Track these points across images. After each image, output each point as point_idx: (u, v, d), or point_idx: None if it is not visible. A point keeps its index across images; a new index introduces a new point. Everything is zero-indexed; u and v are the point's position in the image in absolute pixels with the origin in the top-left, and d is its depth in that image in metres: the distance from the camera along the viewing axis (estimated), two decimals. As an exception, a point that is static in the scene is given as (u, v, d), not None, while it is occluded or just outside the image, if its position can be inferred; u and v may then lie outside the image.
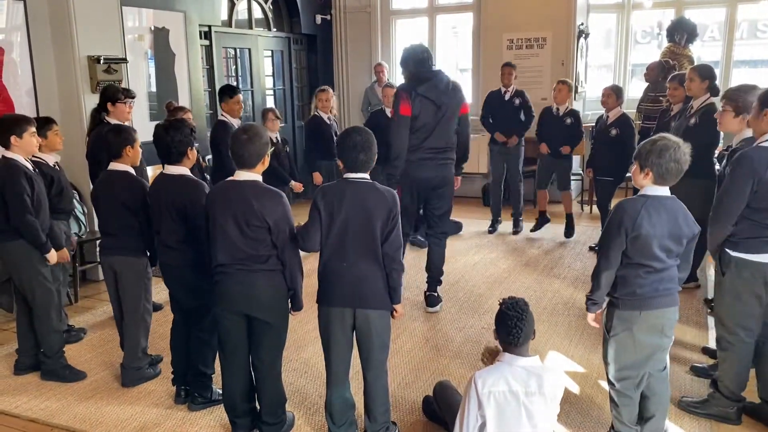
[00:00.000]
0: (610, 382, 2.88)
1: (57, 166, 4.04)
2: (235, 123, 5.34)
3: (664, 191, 2.66)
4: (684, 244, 2.69)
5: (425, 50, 4.58)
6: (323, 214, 2.82)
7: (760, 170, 2.90)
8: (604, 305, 2.88)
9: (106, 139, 3.62)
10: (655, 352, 2.77)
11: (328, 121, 6.15)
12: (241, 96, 5.58)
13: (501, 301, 2.54)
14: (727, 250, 3.04)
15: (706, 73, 4.61)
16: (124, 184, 3.52)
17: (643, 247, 2.63)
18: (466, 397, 2.48)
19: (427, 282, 4.86)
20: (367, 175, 2.86)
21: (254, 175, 2.89)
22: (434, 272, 4.82)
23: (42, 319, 3.76)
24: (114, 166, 3.57)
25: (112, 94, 4.52)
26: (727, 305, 3.11)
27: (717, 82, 4.70)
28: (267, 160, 2.92)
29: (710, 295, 4.64)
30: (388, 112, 6.31)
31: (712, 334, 4.23)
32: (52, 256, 3.69)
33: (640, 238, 2.62)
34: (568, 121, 6.40)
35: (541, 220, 6.75)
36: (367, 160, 2.84)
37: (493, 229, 6.97)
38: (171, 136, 3.18)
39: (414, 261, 5.98)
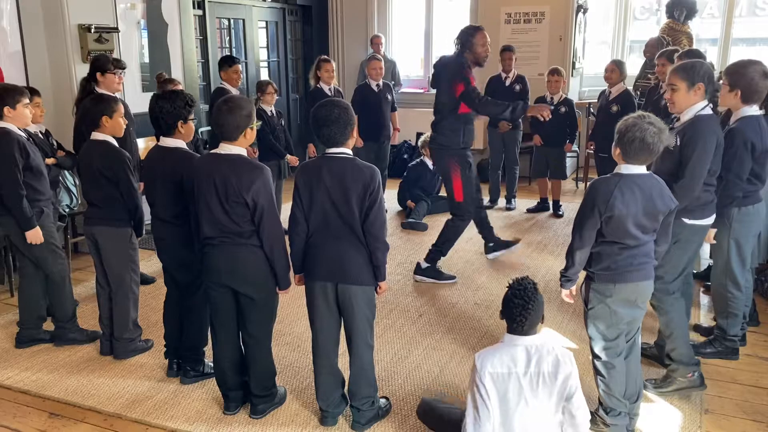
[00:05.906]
0: (595, 356, 2.91)
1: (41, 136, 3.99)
2: (234, 91, 5.35)
3: (639, 169, 2.65)
4: (659, 220, 2.70)
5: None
6: (303, 192, 2.79)
7: (718, 132, 3.08)
8: (579, 281, 2.91)
9: (86, 106, 3.56)
10: (632, 321, 2.84)
11: (329, 93, 6.09)
12: (239, 66, 5.69)
13: (509, 283, 2.48)
14: (682, 218, 3.11)
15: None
16: (102, 153, 3.48)
17: (618, 226, 2.64)
18: (473, 387, 2.44)
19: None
20: (347, 150, 2.81)
21: (237, 149, 2.84)
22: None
23: (59, 286, 3.79)
24: (95, 135, 3.52)
25: (102, 64, 4.46)
26: (674, 268, 3.22)
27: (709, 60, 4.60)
28: (250, 133, 2.86)
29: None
30: (374, 85, 6.29)
31: (703, 313, 4.25)
32: (35, 235, 3.56)
33: (614, 218, 2.62)
34: (562, 110, 6.36)
35: (541, 205, 6.81)
36: (335, 134, 2.75)
37: (491, 204, 6.97)
38: (160, 106, 3.13)
39: (408, 238, 5.98)
